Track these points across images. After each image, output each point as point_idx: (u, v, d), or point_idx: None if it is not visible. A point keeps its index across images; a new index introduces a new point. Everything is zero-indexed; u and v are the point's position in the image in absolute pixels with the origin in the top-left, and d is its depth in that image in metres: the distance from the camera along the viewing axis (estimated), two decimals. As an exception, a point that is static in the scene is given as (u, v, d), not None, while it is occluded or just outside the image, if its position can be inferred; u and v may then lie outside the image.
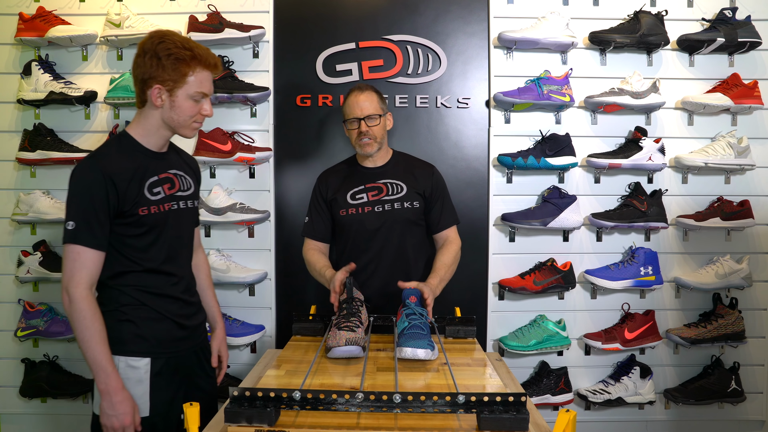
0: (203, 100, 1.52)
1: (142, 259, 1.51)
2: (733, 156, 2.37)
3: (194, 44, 1.49)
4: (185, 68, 1.46)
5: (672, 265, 2.49)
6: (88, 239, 1.41)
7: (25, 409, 2.50)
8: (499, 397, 1.08)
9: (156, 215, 1.51)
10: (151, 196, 1.50)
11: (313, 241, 2.04)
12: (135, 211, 1.47)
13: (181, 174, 1.62)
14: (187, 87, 1.48)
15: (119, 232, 1.47)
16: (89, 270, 1.42)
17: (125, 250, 1.49)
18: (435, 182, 2.03)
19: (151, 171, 1.52)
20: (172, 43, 1.45)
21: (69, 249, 1.41)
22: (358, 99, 1.94)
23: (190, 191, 1.64)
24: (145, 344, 1.50)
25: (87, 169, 1.44)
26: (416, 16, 2.45)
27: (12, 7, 2.42)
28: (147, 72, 1.46)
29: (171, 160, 1.61)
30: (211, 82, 1.54)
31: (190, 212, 1.66)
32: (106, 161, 1.45)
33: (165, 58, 1.44)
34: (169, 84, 1.46)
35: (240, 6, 2.44)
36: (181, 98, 1.48)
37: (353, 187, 2.00)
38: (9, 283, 2.48)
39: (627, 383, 2.40)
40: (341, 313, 1.60)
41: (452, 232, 2.04)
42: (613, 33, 2.36)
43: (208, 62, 1.50)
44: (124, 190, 1.44)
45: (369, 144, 1.94)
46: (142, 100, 1.51)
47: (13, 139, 2.44)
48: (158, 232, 1.52)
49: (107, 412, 1.42)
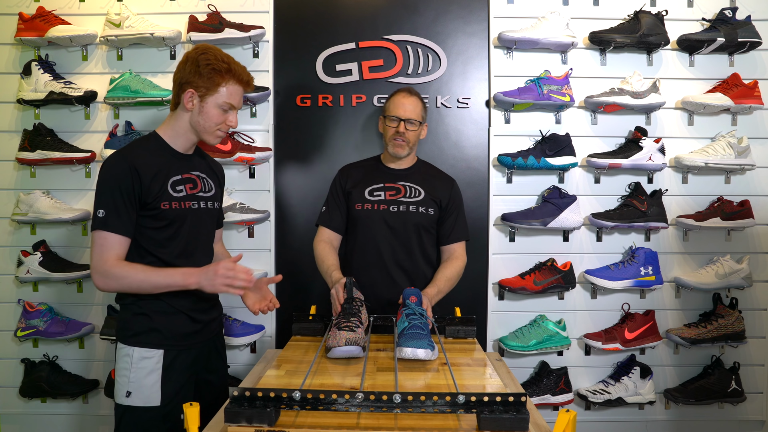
0: (230, 112, 1.65)
1: (160, 252, 1.59)
2: (733, 156, 2.37)
3: (232, 60, 1.62)
4: (219, 78, 1.59)
5: (672, 265, 2.49)
6: (116, 226, 1.51)
7: (25, 409, 2.50)
8: (499, 397, 1.09)
9: (176, 211, 1.60)
10: (174, 192, 1.60)
11: (327, 230, 2.05)
12: (157, 204, 1.56)
13: (203, 176, 1.72)
14: (218, 96, 1.60)
15: (140, 224, 1.57)
16: (117, 252, 1.52)
17: (145, 242, 1.58)
18: (453, 195, 2.07)
19: (175, 169, 1.63)
20: (213, 55, 1.59)
21: (98, 235, 1.52)
22: (405, 100, 2.00)
23: (211, 193, 1.74)
24: (159, 336, 1.59)
25: (115, 160, 1.55)
26: (416, 16, 2.45)
27: (12, 7, 2.42)
28: (185, 77, 1.59)
29: (195, 162, 1.72)
30: (240, 97, 1.66)
31: (210, 213, 1.74)
32: (133, 155, 1.56)
33: (203, 67, 1.57)
34: (202, 90, 1.59)
35: (240, 6, 2.44)
36: (210, 105, 1.60)
37: (372, 184, 2.04)
38: (9, 283, 2.48)
39: (627, 383, 2.40)
40: (341, 313, 1.60)
41: (460, 247, 2.06)
42: (613, 33, 2.36)
43: (241, 78, 1.63)
44: (148, 184, 1.54)
45: (401, 146, 1.99)
46: (175, 103, 1.64)
47: (13, 139, 2.44)
48: (177, 228, 1.61)
49: (217, 284, 1.53)
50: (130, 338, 1.58)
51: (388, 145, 2.02)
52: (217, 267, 1.54)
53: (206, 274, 1.54)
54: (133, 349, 1.57)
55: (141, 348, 1.57)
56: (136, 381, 1.55)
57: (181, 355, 1.62)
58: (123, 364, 1.57)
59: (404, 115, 1.97)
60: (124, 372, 1.56)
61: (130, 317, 1.60)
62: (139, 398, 1.55)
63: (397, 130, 1.97)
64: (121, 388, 1.56)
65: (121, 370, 1.58)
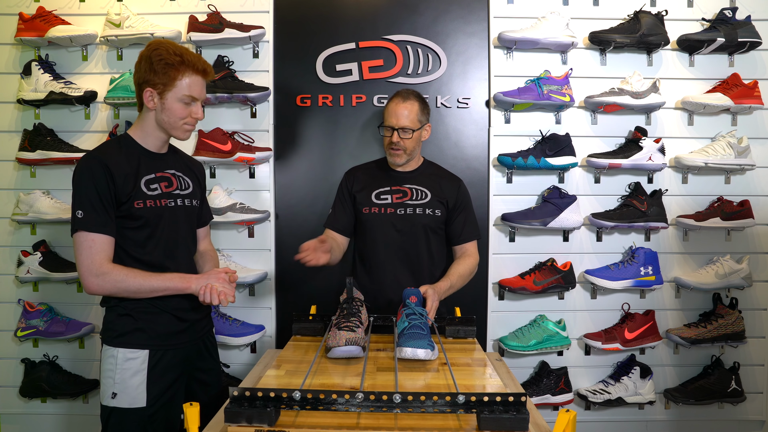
0: (193, 104, 1.62)
1: (139, 253, 1.58)
2: (733, 156, 2.37)
3: (185, 50, 1.60)
4: (174, 72, 1.56)
5: (672, 265, 2.49)
6: (99, 225, 1.50)
7: (25, 409, 2.50)
8: (499, 397, 1.08)
9: (152, 209, 1.58)
10: (148, 191, 1.58)
11: (333, 232, 2.05)
12: (131, 203, 1.54)
13: (179, 174, 1.70)
14: (176, 90, 1.58)
15: (118, 225, 1.55)
16: (106, 253, 1.51)
17: (124, 243, 1.56)
18: (460, 195, 2.06)
19: (148, 168, 1.61)
20: (165, 49, 1.57)
21: (82, 237, 1.49)
22: (397, 107, 1.96)
23: (188, 191, 1.71)
24: (143, 336, 1.57)
25: (87, 161, 1.53)
26: (416, 16, 2.45)
27: (12, 7, 2.42)
28: (142, 76, 1.58)
29: (169, 160, 1.70)
30: (201, 87, 1.63)
31: (188, 210, 1.71)
32: (104, 155, 1.54)
33: (156, 63, 1.55)
34: (159, 87, 1.57)
35: (240, 6, 2.44)
36: (170, 101, 1.58)
37: (379, 187, 2.03)
38: (9, 283, 2.48)
39: (627, 383, 2.40)
40: (341, 313, 1.60)
41: (472, 246, 2.07)
42: (613, 33, 2.36)
43: (197, 67, 1.60)
44: (121, 183, 1.53)
45: (398, 155, 1.98)
46: (140, 104, 1.63)
47: (13, 139, 2.44)
48: (154, 227, 1.59)
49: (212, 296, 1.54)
50: (115, 339, 1.56)
51: (386, 153, 2.03)
52: (214, 280, 1.56)
53: (199, 282, 1.56)
54: (117, 350, 1.55)
55: (125, 349, 1.55)
56: (122, 382, 1.53)
57: (167, 354, 1.60)
58: (108, 365, 1.55)
59: (397, 124, 1.94)
60: (110, 373, 1.54)
61: (114, 318, 1.57)
62: (125, 399, 1.53)
63: (392, 140, 1.96)
64: (107, 390, 1.54)
65: (106, 372, 1.56)
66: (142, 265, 1.57)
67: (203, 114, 1.67)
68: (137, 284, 1.51)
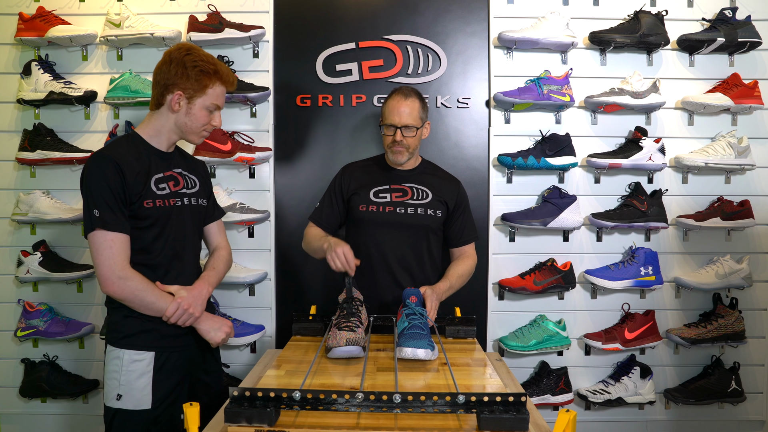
0: (215, 112, 1.66)
1: (147, 253, 1.58)
2: (733, 156, 2.37)
3: (217, 61, 1.64)
4: (207, 80, 1.59)
5: (672, 265, 2.49)
6: (116, 224, 1.49)
7: (24, 409, 2.50)
8: (499, 397, 1.08)
9: (160, 209, 1.58)
10: (157, 190, 1.58)
11: (316, 228, 2.04)
12: (141, 203, 1.54)
13: (185, 173, 1.71)
14: (205, 98, 1.61)
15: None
16: (126, 254, 1.51)
17: (132, 243, 1.55)
18: (460, 196, 2.05)
19: (157, 167, 1.62)
20: (198, 56, 1.59)
21: (101, 236, 1.48)
22: (399, 105, 1.93)
23: (195, 189, 1.72)
24: (149, 338, 1.57)
25: (99, 160, 1.52)
26: (416, 16, 2.45)
27: (12, 7, 2.42)
28: (171, 78, 1.57)
29: (176, 160, 1.70)
30: (224, 98, 1.68)
31: (196, 209, 1.71)
32: (115, 153, 1.53)
33: (191, 69, 1.57)
34: (190, 92, 1.59)
35: (240, 6, 2.44)
36: (197, 107, 1.61)
37: (378, 185, 2.01)
38: (9, 283, 2.48)
39: (627, 383, 2.40)
40: (341, 313, 1.60)
41: (471, 248, 2.07)
42: (613, 33, 2.36)
43: (227, 79, 1.64)
44: (131, 182, 1.52)
45: (400, 153, 1.96)
46: (158, 103, 1.62)
47: (13, 139, 2.44)
48: (162, 226, 1.59)
49: (220, 335, 1.66)
50: (121, 340, 1.55)
51: (387, 151, 2.00)
52: (225, 324, 1.67)
53: (214, 321, 1.65)
54: (123, 351, 1.54)
55: (131, 350, 1.54)
56: (127, 384, 1.52)
57: (173, 356, 1.60)
58: (113, 366, 1.55)
59: (400, 122, 1.91)
60: (114, 375, 1.54)
61: (120, 319, 1.56)
62: (130, 401, 1.52)
63: (395, 139, 1.93)
64: (112, 391, 1.53)
65: (111, 373, 1.55)
66: (148, 265, 1.57)
67: (221, 122, 1.70)
68: (151, 300, 1.52)
